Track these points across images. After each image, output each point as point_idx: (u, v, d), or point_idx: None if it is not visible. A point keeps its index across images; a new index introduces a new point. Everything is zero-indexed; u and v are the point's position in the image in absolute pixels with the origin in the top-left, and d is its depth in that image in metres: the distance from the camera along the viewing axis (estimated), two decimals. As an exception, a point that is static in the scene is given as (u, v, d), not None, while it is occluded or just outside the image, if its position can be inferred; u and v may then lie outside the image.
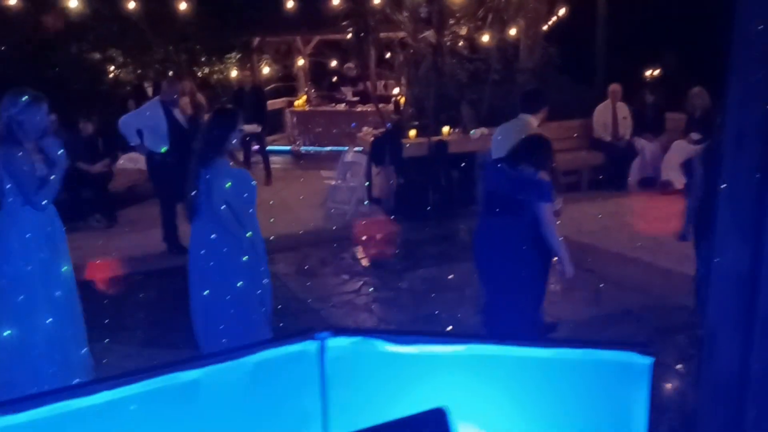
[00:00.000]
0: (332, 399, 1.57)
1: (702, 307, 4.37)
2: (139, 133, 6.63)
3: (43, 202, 3.77)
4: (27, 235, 3.77)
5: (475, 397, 1.14)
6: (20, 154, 3.69)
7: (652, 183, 8.98)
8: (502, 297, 3.99)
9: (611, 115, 9.31)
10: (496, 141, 4.93)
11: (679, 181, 8.68)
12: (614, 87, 9.29)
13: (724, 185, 2.33)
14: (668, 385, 4.15)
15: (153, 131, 6.60)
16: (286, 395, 1.57)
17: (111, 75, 11.93)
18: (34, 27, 10.21)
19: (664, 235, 6.92)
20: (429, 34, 8.81)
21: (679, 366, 4.33)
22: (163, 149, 6.70)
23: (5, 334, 3.76)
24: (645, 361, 1.47)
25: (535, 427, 1.53)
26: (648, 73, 10.77)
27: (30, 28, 10.22)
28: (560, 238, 3.88)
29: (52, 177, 3.80)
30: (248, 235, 4.03)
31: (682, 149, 8.75)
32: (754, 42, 2.16)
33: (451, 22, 8.82)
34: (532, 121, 4.76)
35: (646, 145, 9.12)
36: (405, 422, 1.05)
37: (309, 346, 1.57)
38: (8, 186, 3.72)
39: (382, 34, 9.86)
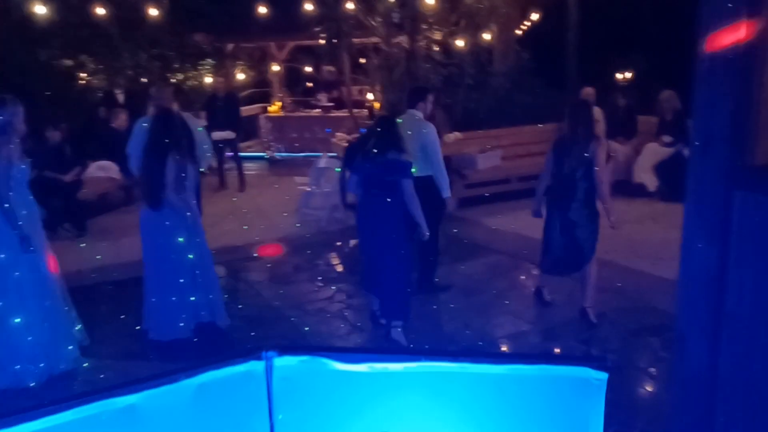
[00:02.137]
0: (281, 420, 1.50)
1: (552, 267, 5.20)
2: None
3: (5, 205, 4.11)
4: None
5: (428, 416, 1.10)
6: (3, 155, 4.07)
7: (625, 186, 9.05)
8: (381, 261, 4.70)
9: (584, 119, 9.38)
10: None
11: (651, 183, 8.78)
12: (587, 91, 9.34)
13: (691, 188, 2.34)
14: (640, 388, 4.16)
15: None
16: (232, 418, 1.49)
17: (82, 81, 11.72)
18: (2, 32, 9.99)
19: (637, 237, 7.01)
20: (402, 39, 8.80)
21: (651, 369, 4.35)
22: None
23: None
24: (600, 376, 1.44)
25: None
26: (619, 76, 10.90)
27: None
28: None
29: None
30: None
31: (654, 152, 8.85)
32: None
33: (424, 27, 8.83)
34: (417, 113, 5.43)
35: (618, 148, 9.19)
36: None
37: (255, 366, 1.50)
38: None
39: (356, 40, 9.84)
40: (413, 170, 4.63)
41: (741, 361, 2.32)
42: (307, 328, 5.09)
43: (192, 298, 4.84)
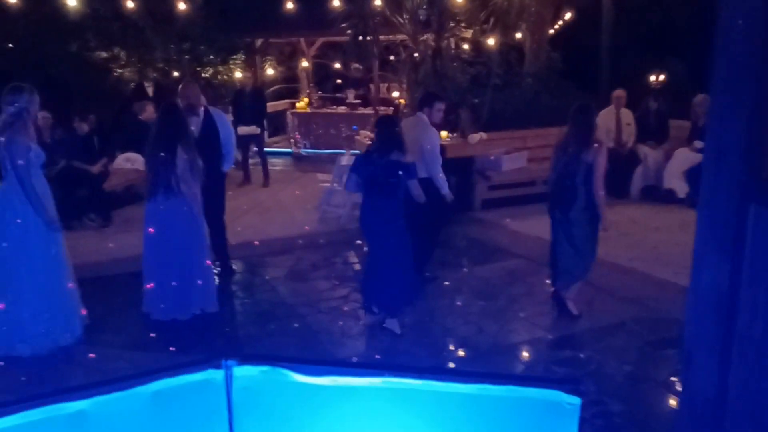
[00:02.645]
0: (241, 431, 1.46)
1: (558, 277, 5.16)
2: None
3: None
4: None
5: (388, 433, 1.04)
6: (21, 141, 4.34)
7: (655, 192, 8.84)
8: (383, 260, 4.83)
9: (614, 122, 9.18)
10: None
11: (681, 190, 8.54)
12: (618, 93, 9.16)
13: (704, 199, 2.23)
14: (657, 403, 4.03)
15: None
16: (189, 429, 1.45)
17: (115, 74, 11.91)
18: (32, 24, 10.21)
19: (662, 245, 6.81)
20: (429, 37, 8.71)
21: (669, 383, 4.21)
22: None
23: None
24: (573, 401, 1.36)
25: None
26: (652, 79, 10.63)
27: (29, 25, 10.23)
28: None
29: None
30: None
31: (685, 157, 8.60)
32: (736, 58, 2.06)
33: (452, 25, 8.72)
34: (424, 118, 5.59)
35: (649, 153, 8.97)
36: None
37: (214, 374, 1.45)
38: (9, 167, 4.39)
39: (383, 37, 9.77)
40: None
41: (752, 383, 2.21)
42: (319, 327, 5.07)
43: (186, 284, 5.08)
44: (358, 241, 7.34)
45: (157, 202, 4.96)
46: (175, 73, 11.93)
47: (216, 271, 6.15)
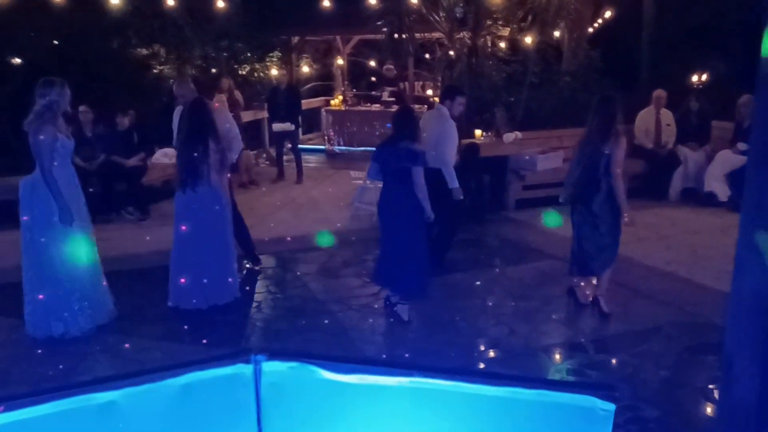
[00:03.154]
0: (268, 426, 1.46)
1: (577, 266, 5.22)
2: None
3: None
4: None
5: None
6: (47, 132, 4.54)
7: (695, 194, 8.61)
8: (396, 245, 4.96)
9: (654, 122, 8.98)
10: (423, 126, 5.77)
11: (723, 193, 8.30)
12: (659, 93, 8.95)
13: (747, 201, 2.16)
14: (694, 409, 3.92)
15: None
16: (218, 421, 1.45)
17: (155, 70, 12.13)
18: (77, 21, 10.47)
19: (702, 249, 6.64)
20: (465, 34, 8.64)
21: (707, 389, 4.10)
22: None
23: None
24: (607, 407, 1.31)
25: None
26: (694, 79, 10.34)
27: (73, 23, 10.49)
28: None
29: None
30: None
31: (727, 159, 8.36)
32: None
33: (489, 23, 8.63)
34: (444, 111, 5.79)
35: (689, 154, 8.75)
36: None
37: (243, 369, 1.46)
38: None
39: (418, 35, 9.73)
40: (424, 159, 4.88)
41: (796, 392, 2.13)
42: (349, 324, 5.08)
43: (216, 275, 5.23)
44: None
45: (188, 193, 5.11)
46: (213, 70, 12.09)
47: (246, 264, 6.24)
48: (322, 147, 12.83)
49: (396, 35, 8.92)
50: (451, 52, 8.92)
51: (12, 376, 4.32)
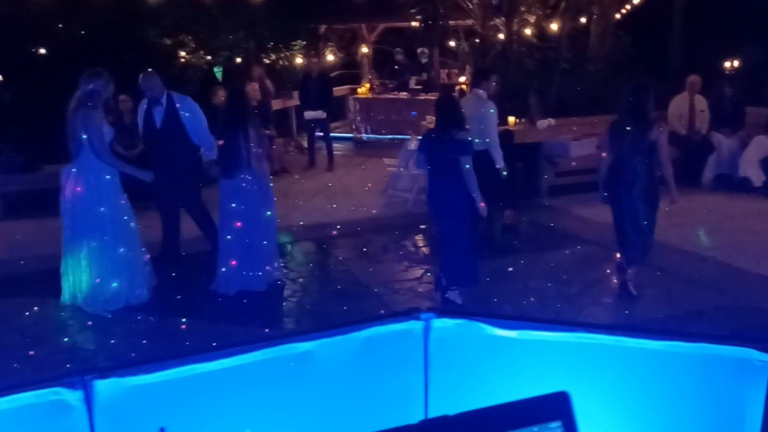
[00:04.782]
0: (435, 378, 1.59)
1: (620, 246, 5.21)
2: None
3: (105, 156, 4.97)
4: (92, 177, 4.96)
5: (579, 387, 1.10)
6: (96, 117, 4.86)
7: (728, 180, 8.58)
8: (444, 233, 5.10)
9: (688, 108, 8.93)
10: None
11: (758, 178, 8.27)
12: (693, 78, 8.89)
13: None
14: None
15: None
16: (391, 371, 1.62)
17: (182, 59, 12.24)
18: (109, 11, 10.60)
19: (739, 234, 6.64)
20: (498, 21, 8.64)
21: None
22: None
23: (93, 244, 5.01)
24: (764, 359, 1.39)
25: (644, 420, 1.48)
26: (727, 64, 10.26)
27: (105, 12, 10.62)
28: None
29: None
30: None
31: (762, 145, 8.32)
32: None
33: (522, 9, 8.62)
34: (481, 93, 5.86)
35: (723, 140, 8.71)
36: (525, 404, 1.03)
37: (414, 325, 1.61)
38: (84, 137, 4.86)
39: (452, 22, 9.74)
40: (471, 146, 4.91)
41: None
42: (396, 307, 5.17)
43: (261, 258, 5.37)
44: (424, 226, 7.42)
45: (233, 179, 5.24)
46: (238, 60, 12.18)
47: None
48: (349, 135, 12.90)
49: (430, 22, 8.94)
50: (483, 40, 8.93)
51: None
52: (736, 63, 10.26)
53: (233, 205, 5.31)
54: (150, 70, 5.85)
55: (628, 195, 5.00)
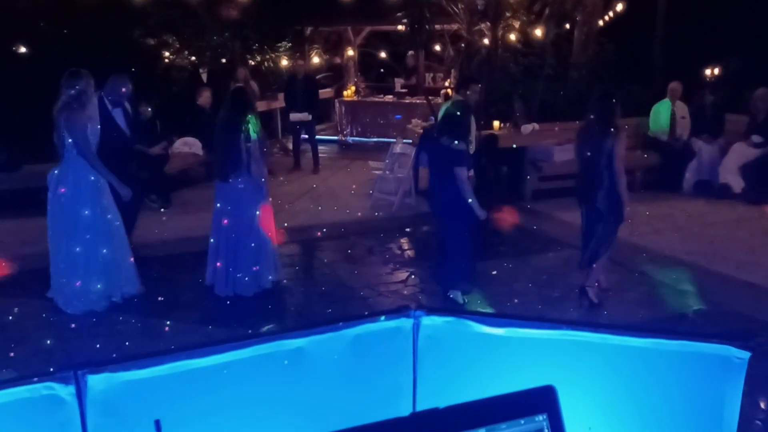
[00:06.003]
0: (423, 374, 1.62)
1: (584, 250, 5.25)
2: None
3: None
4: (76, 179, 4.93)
5: (565, 384, 1.14)
6: (81, 119, 4.83)
7: (708, 186, 8.72)
8: (442, 236, 5.25)
9: (669, 114, 9.07)
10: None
11: (737, 185, 8.42)
12: (674, 85, 9.02)
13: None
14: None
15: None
16: (381, 368, 1.65)
17: (166, 60, 12.15)
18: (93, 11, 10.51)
19: (720, 240, 6.76)
20: (484, 26, 8.72)
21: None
22: None
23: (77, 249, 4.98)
24: (742, 356, 1.45)
25: (627, 414, 1.52)
26: (708, 72, 10.44)
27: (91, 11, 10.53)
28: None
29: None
30: None
31: (741, 152, 8.48)
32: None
33: (508, 15, 8.71)
34: (462, 98, 5.88)
35: (703, 147, 8.86)
36: (512, 397, 1.06)
37: (404, 323, 1.64)
38: (69, 141, 4.84)
39: (438, 26, 9.80)
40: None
41: None
42: (381, 309, 5.18)
43: (252, 260, 5.31)
44: (409, 228, 7.46)
45: (229, 182, 5.18)
46: (223, 60, 12.12)
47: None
48: (334, 137, 12.91)
49: (416, 26, 9.00)
50: (468, 44, 8.99)
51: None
52: (717, 71, 10.45)
53: (226, 208, 5.25)
54: (120, 74, 5.81)
55: (590, 199, 5.08)
